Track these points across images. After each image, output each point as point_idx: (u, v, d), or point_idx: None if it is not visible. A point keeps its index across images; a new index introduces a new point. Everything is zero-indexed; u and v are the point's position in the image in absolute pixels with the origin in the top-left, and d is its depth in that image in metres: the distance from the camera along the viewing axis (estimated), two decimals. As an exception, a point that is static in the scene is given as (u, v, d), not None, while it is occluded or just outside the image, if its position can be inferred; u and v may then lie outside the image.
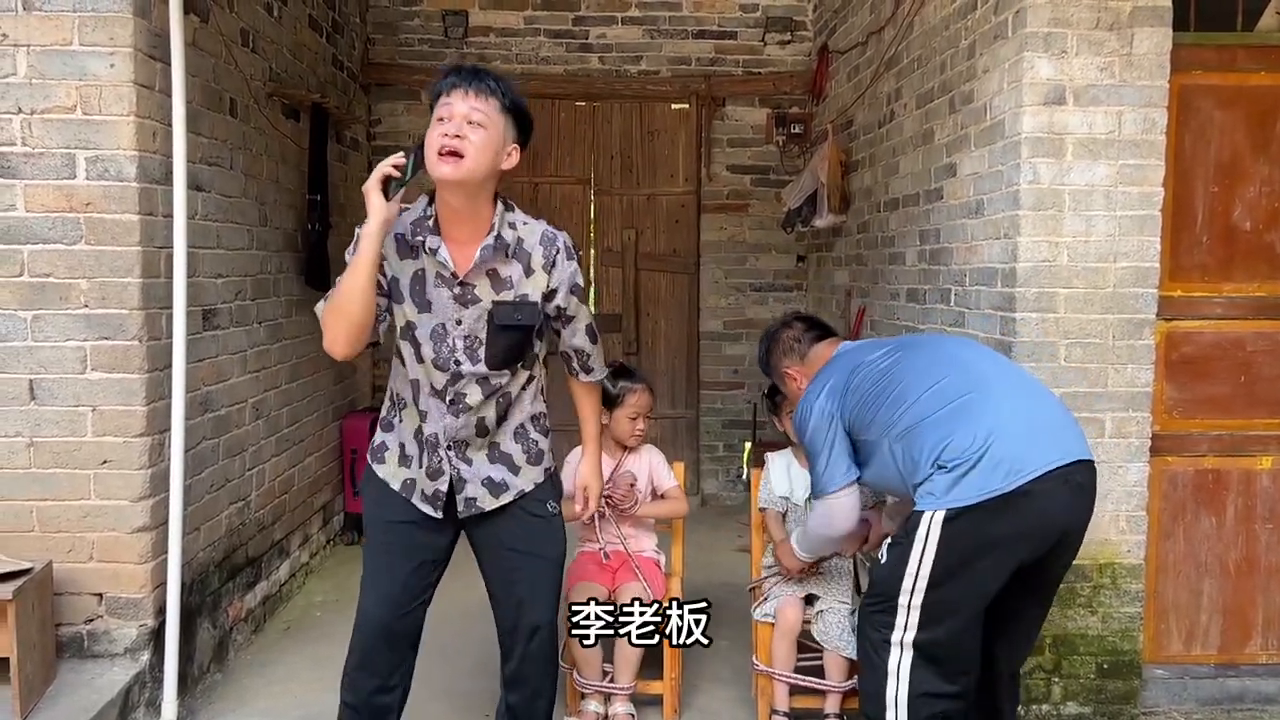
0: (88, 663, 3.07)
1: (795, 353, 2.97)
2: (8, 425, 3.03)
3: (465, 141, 2.25)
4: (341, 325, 2.31)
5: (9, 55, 2.95)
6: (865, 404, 2.60)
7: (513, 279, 2.43)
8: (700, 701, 3.46)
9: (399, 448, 2.55)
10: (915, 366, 2.59)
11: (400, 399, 2.55)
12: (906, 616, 2.47)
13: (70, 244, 3.00)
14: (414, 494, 2.52)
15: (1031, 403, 2.50)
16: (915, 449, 2.45)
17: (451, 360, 2.43)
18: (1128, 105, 3.17)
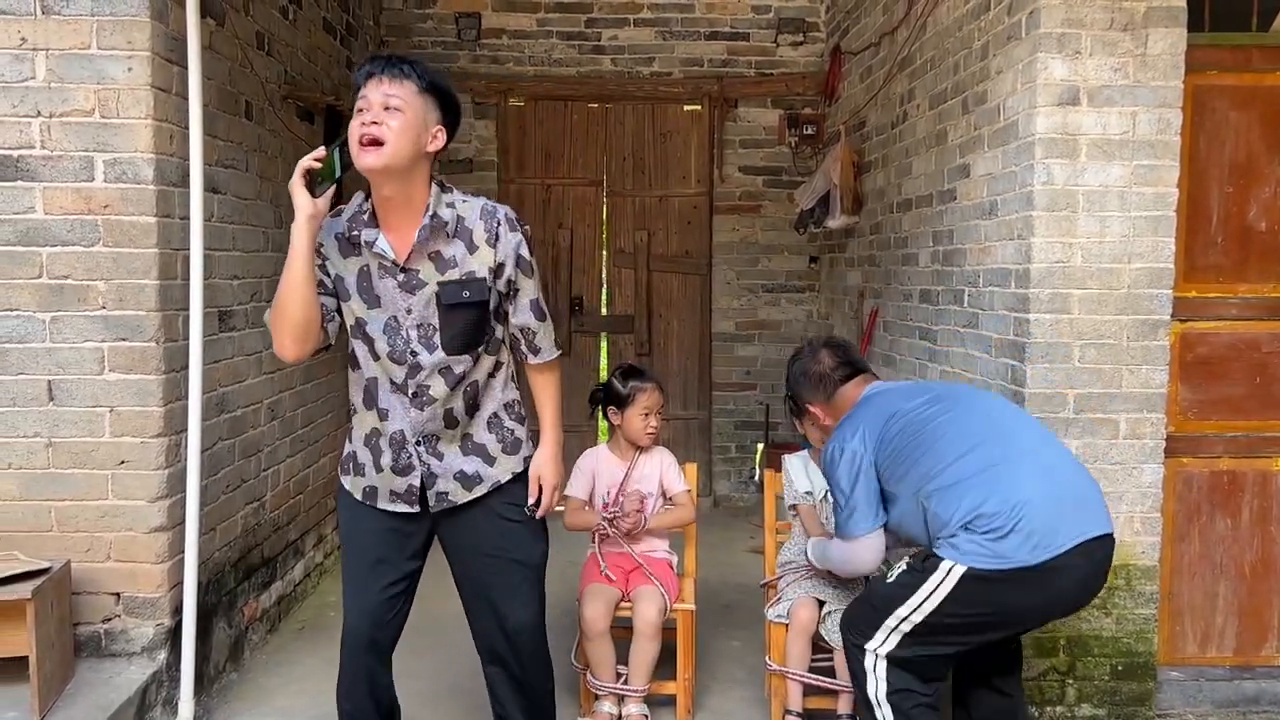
0: (105, 661, 3.09)
1: (822, 391, 2.89)
2: (27, 426, 3.06)
3: (383, 128, 2.24)
4: (285, 325, 2.32)
5: (28, 59, 2.97)
6: (899, 456, 2.58)
7: (456, 258, 2.40)
8: (714, 702, 3.46)
9: (352, 457, 2.55)
10: (952, 424, 2.56)
11: (354, 407, 2.54)
12: (888, 635, 2.54)
13: (88, 246, 3.02)
14: (378, 499, 2.50)
15: (1062, 473, 2.51)
16: (946, 509, 2.46)
17: (407, 352, 2.41)
18: (1142, 106, 3.16)
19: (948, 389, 2.72)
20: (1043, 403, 3.21)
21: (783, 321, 6.34)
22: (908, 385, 2.74)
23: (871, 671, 2.58)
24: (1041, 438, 2.61)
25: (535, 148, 6.19)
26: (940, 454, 2.52)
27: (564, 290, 6.20)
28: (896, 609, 2.51)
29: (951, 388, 2.74)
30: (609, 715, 3.20)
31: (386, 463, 2.48)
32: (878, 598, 2.60)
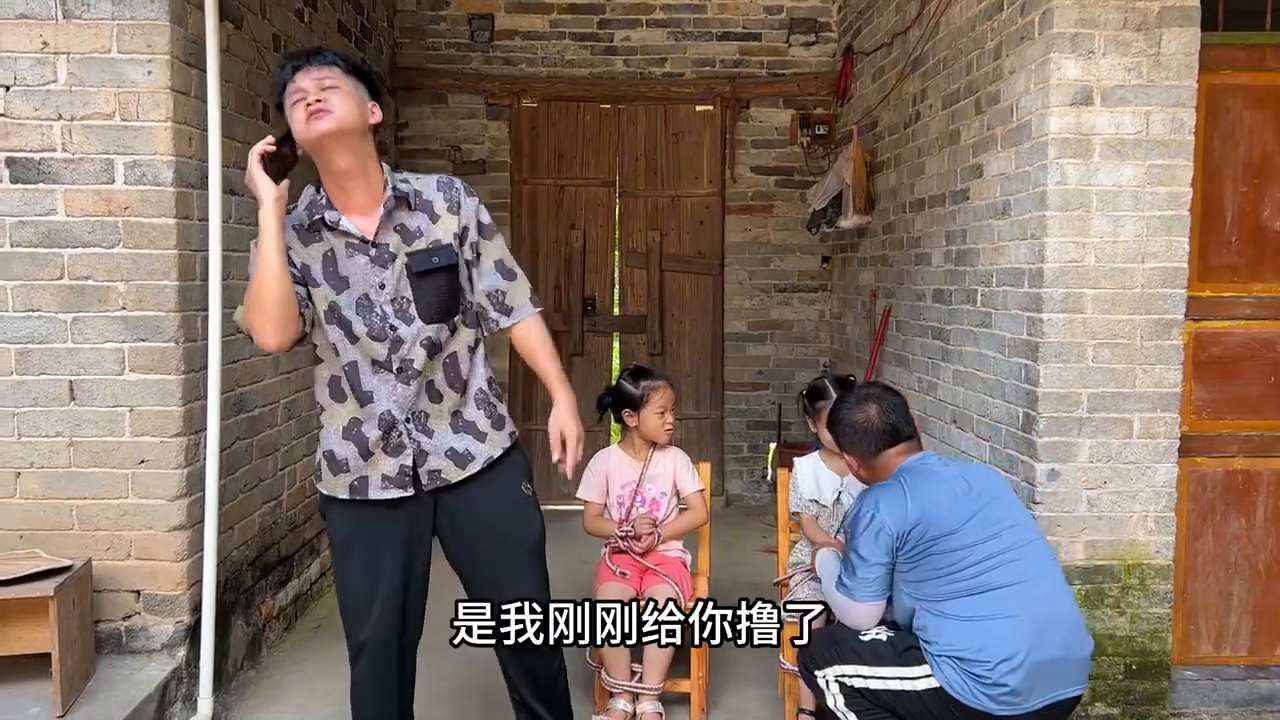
0: (126, 658, 3.13)
1: (866, 447, 2.77)
2: (49, 425, 3.09)
3: (327, 101, 2.30)
4: (267, 313, 2.30)
5: (50, 63, 3.01)
6: (915, 561, 2.59)
7: (421, 229, 2.44)
8: (728, 700, 3.48)
9: (328, 457, 2.49)
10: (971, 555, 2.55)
11: (325, 404, 2.50)
12: (838, 677, 2.64)
13: (109, 247, 3.06)
14: (368, 489, 2.46)
15: (1056, 631, 2.50)
16: (941, 634, 2.51)
17: (386, 327, 2.41)
18: (1155, 105, 3.16)
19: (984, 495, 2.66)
20: (1056, 402, 3.21)
21: (795, 321, 6.35)
22: (950, 476, 2.66)
23: (826, 689, 2.67)
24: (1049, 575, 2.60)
25: (548, 148, 6.21)
26: (952, 581, 2.54)
27: (576, 290, 6.22)
28: (858, 665, 2.61)
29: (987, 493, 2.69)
30: (624, 713, 3.22)
31: (376, 446, 2.44)
32: (843, 644, 2.66)
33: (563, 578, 4.67)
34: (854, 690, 2.61)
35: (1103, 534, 3.26)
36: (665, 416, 3.46)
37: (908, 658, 2.55)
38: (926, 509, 2.57)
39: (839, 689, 2.64)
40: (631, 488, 3.50)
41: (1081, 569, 3.24)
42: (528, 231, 6.22)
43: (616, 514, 3.51)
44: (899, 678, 2.55)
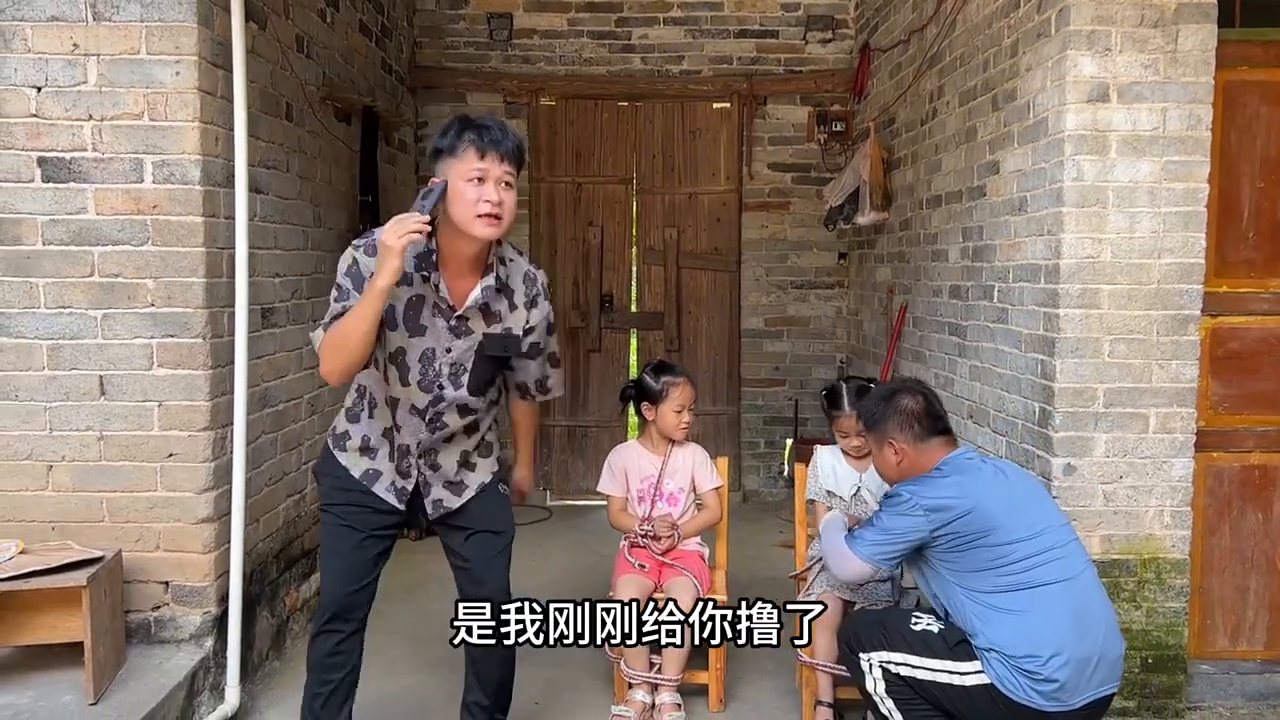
0: (155, 648, 3.19)
1: (911, 432, 2.78)
2: (79, 419, 3.16)
3: (503, 205, 2.45)
4: (341, 362, 2.46)
5: (80, 64, 3.07)
6: (965, 554, 2.61)
7: (501, 313, 2.63)
8: (746, 692, 3.51)
9: (361, 439, 2.68)
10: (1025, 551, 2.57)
11: (373, 399, 2.67)
12: (884, 662, 2.66)
13: (138, 245, 3.12)
14: (376, 483, 2.68)
15: (1096, 628, 2.55)
16: (989, 629, 2.55)
17: (436, 384, 2.60)
18: (1172, 102, 3.18)
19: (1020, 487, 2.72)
20: (1072, 397, 3.23)
21: (812, 318, 6.37)
22: (992, 471, 2.70)
23: (869, 673, 2.70)
24: (1087, 572, 2.64)
25: (566, 146, 6.25)
26: (1001, 575, 2.57)
27: (594, 287, 6.26)
28: (906, 654, 2.64)
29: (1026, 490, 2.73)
30: (643, 704, 3.26)
31: (388, 462, 2.69)
32: (893, 631, 2.69)
33: (582, 573, 4.75)
34: (898, 678, 2.63)
35: (1119, 528, 3.28)
36: (683, 415, 3.50)
37: (959, 652, 2.57)
38: (976, 499, 2.61)
39: (882, 674, 2.66)
40: (652, 483, 3.54)
41: (1097, 563, 3.23)
42: (546, 229, 6.26)
43: (637, 510, 3.55)
44: (948, 671, 2.57)
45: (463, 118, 2.51)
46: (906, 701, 2.64)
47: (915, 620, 2.69)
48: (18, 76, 3.06)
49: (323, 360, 2.50)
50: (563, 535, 5.58)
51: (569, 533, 5.63)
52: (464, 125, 2.47)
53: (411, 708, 3.38)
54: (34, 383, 3.14)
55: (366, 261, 2.48)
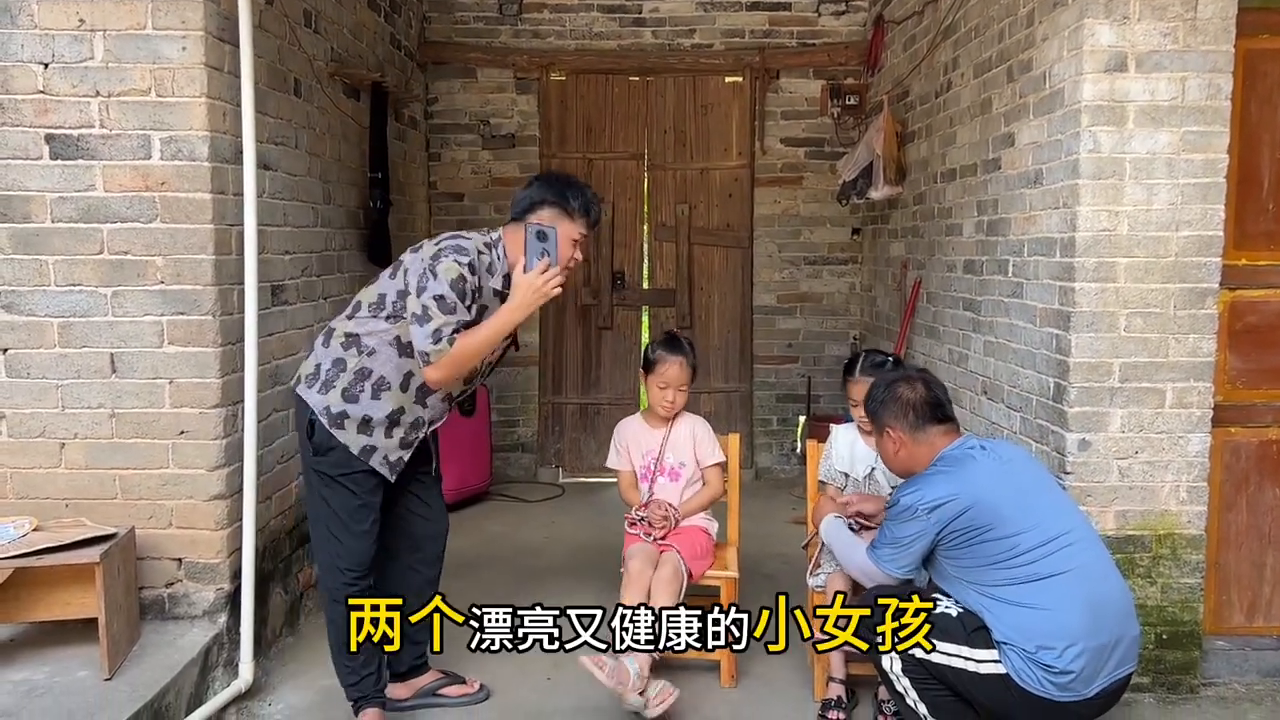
0: (169, 624, 3.21)
1: (906, 421, 2.75)
2: (91, 397, 3.16)
3: (573, 269, 2.90)
4: (459, 375, 2.81)
5: (86, 40, 3.05)
6: (968, 551, 2.60)
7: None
8: (757, 669, 3.51)
9: (361, 418, 2.84)
10: (1030, 543, 2.54)
11: (384, 383, 2.84)
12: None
13: (146, 222, 3.11)
14: (373, 458, 2.87)
15: (1111, 611, 2.52)
16: (1005, 620, 2.52)
17: (477, 375, 2.98)
18: (1192, 71, 3.12)
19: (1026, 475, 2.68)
20: (1088, 372, 3.20)
21: (825, 294, 6.33)
22: (991, 461, 2.66)
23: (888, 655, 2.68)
24: (1099, 558, 2.61)
25: (576, 122, 6.21)
26: (1007, 568, 2.54)
27: (605, 264, 6.24)
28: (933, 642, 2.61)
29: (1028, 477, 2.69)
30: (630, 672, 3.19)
31: (397, 435, 2.90)
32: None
33: (593, 551, 4.75)
34: (914, 659, 2.62)
35: (1134, 504, 3.25)
36: (666, 392, 3.44)
37: (976, 639, 2.55)
38: (974, 496, 2.58)
39: (898, 654, 2.65)
40: (653, 457, 3.51)
41: (1112, 539, 3.23)
42: (557, 205, 6.22)
43: (643, 486, 3.53)
44: (964, 657, 2.56)
45: (580, 185, 2.91)
46: (922, 682, 2.63)
47: (934, 601, 2.68)
48: (24, 53, 3.04)
49: (440, 369, 2.73)
50: (575, 512, 5.58)
51: (581, 510, 5.63)
52: (584, 194, 2.88)
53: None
54: (45, 360, 3.15)
55: (473, 279, 2.76)
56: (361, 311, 2.87)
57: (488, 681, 3.34)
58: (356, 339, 2.84)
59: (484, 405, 5.75)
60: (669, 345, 3.50)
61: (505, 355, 3.14)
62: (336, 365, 2.84)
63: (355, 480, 2.87)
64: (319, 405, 2.84)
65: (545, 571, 4.55)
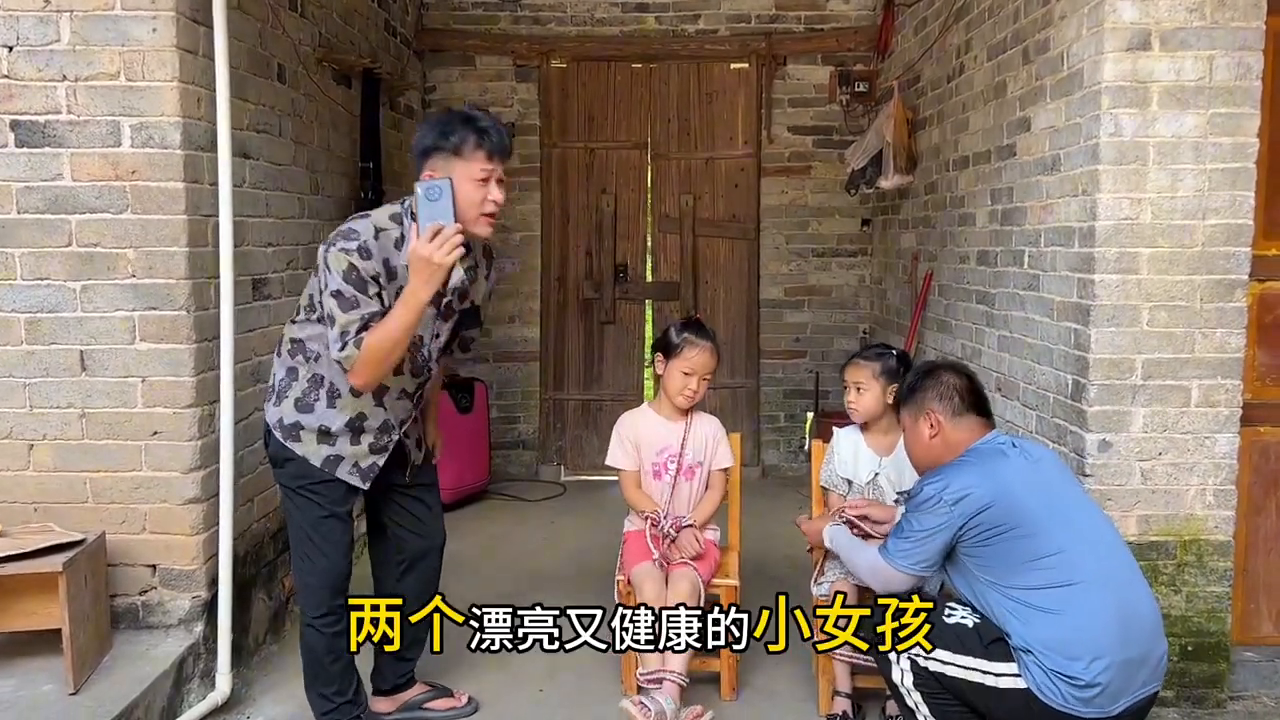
0: (143, 633, 3.07)
1: (950, 406, 2.61)
2: (60, 396, 3.02)
3: (499, 206, 2.56)
4: (382, 372, 2.53)
5: (52, 21, 2.91)
6: (992, 549, 2.43)
7: (469, 290, 2.74)
8: (760, 680, 3.35)
9: (319, 429, 2.65)
10: (1057, 545, 2.38)
11: (335, 389, 2.65)
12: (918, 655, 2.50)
13: (117, 213, 2.97)
14: (339, 468, 2.68)
15: (1140, 626, 2.36)
16: (1028, 627, 2.36)
17: (426, 368, 2.74)
18: (1220, 49, 2.94)
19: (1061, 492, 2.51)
20: (1108, 369, 3.03)
21: (834, 287, 6.16)
22: (1022, 460, 2.51)
23: (895, 663, 2.54)
24: (1129, 569, 2.45)
25: (578, 110, 6.04)
26: (1032, 570, 2.38)
27: (608, 257, 6.07)
28: (937, 648, 2.46)
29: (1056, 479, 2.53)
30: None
31: (366, 441, 2.70)
32: (944, 630, 2.50)
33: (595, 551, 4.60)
34: (927, 672, 2.47)
35: (1157, 508, 3.08)
36: (691, 379, 3.22)
37: (994, 651, 2.39)
38: (1003, 488, 2.42)
39: (910, 666, 2.50)
40: (673, 455, 3.30)
41: (1134, 545, 3.04)
42: (558, 197, 6.07)
43: (655, 485, 3.32)
44: (981, 670, 2.40)
45: (462, 116, 2.52)
46: (934, 696, 2.47)
47: (949, 611, 2.51)
48: (-13, 36, 2.90)
49: (358, 373, 2.50)
50: (576, 512, 5.44)
51: (583, 509, 5.48)
52: (470, 126, 2.49)
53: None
54: (12, 358, 3.01)
55: (365, 265, 2.46)
56: (300, 315, 2.69)
57: (477, 693, 3.20)
58: (302, 345, 2.66)
59: (482, 401, 5.61)
60: (697, 329, 3.27)
61: (465, 337, 2.87)
62: (289, 374, 2.68)
63: (316, 491, 2.69)
64: (272, 419, 2.70)
65: (545, 573, 4.41)
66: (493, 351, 6.08)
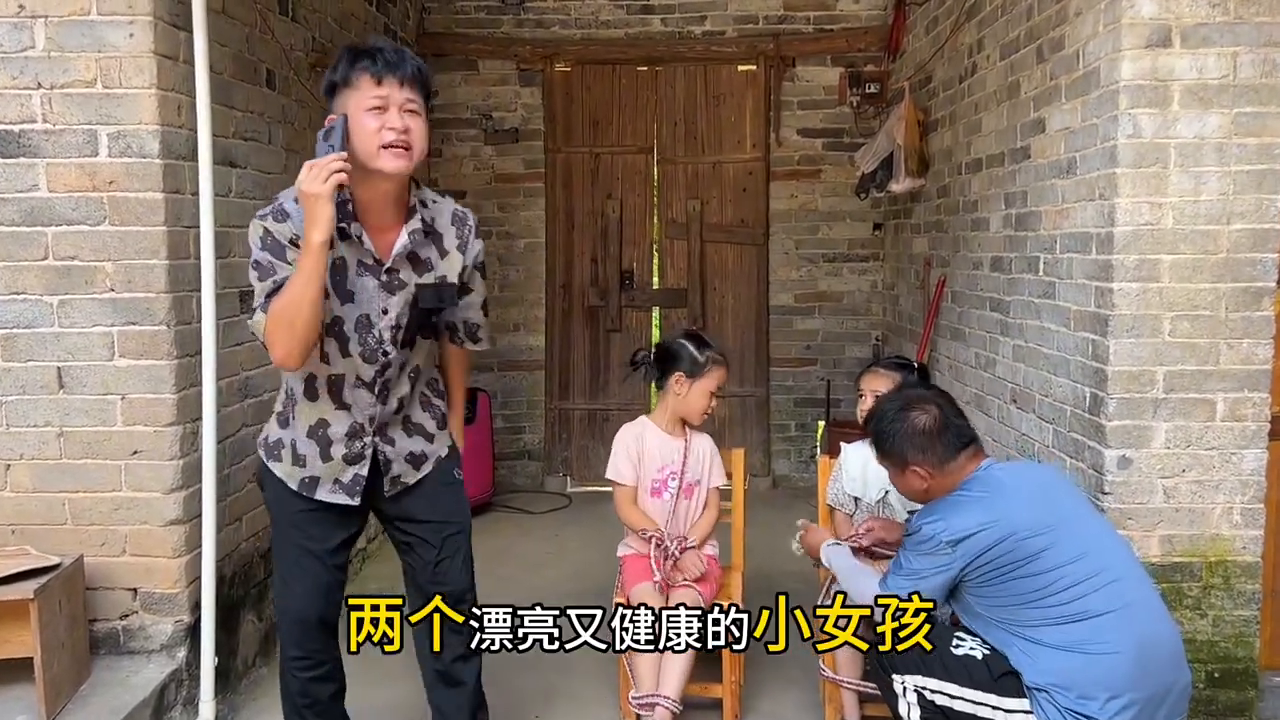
0: (123, 659, 2.97)
1: (934, 454, 2.45)
2: (38, 415, 2.93)
3: (410, 134, 2.22)
4: (297, 339, 2.20)
5: (26, 27, 2.81)
6: (1001, 586, 2.31)
7: (431, 260, 2.42)
8: (765, 705, 3.22)
9: (291, 446, 2.45)
10: (1070, 579, 2.25)
11: (295, 396, 2.44)
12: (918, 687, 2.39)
13: (94, 225, 2.87)
14: (318, 490, 2.46)
15: (1159, 659, 2.23)
16: (1039, 665, 2.24)
17: (379, 351, 2.39)
18: (1244, 46, 2.80)
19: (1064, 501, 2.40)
20: (1127, 381, 2.89)
21: (845, 293, 6.02)
22: (1026, 487, 2.39)
23: (902, 696, 2.42)
24: (1148, 596, 2.32)
25: (583, 114, 5.93)
26: (1044, 608, 2.26)
27: (614, 263, 5.95)
28: (945, 681, 2.35)
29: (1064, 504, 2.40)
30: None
31: (337, 453, 2.45)
32: (932, 656, 2.38)
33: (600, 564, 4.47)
34: (934, 706, 2.36)
35: (1181, 528, 2.94)
36: (712, 400, 3.17)
37: (1004, 685, 2.27)
38: (1010, 523, 2.28)
39: (916, 699, 2.38)
40: (674, 473, 3.17)
41: (1157, 567, 2.91)
42: (562, 202, 5.96)
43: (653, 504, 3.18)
44: (991, 705, 2.28)
45: (352, 46, 2.26)
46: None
47: (957, 643, 2.38)
48: (-40, 43, 2.81)
49: (273, 346, 2.23)
50: (582, 524, 5.32)
51: (588, 521, 5.36)
52: (355, 53, 2.23)
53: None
54: (-12, 375, 2.91)
55: (280, 228, 2.24)
56: None
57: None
58: None
59: (485, 411, 5.50)
60: (710, 346, 3.19)
61: (470, 324, 2.60)
62: (281, 389, 2.52)
63: (296, 524, 2.48)
64: (260, 440, 2.54)
65: (549, 587, 4.28)
66: (497, 360, 5.97)
